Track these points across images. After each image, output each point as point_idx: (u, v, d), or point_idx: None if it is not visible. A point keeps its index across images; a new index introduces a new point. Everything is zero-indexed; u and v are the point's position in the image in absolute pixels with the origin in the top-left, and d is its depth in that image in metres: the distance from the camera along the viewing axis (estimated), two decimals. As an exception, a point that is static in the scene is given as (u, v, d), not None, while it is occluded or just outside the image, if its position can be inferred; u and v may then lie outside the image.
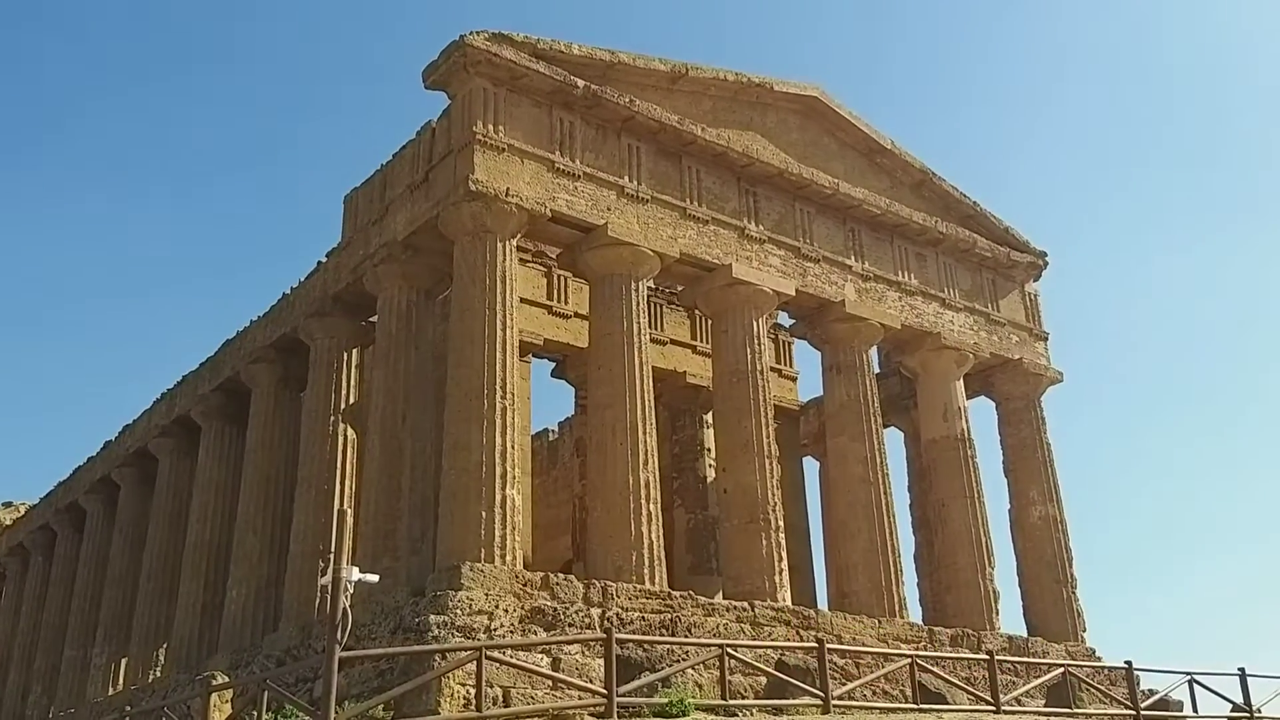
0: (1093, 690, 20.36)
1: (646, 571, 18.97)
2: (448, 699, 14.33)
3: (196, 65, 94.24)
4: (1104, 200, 79.52)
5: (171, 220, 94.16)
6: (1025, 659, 22.04)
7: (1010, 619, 25.05)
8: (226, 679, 16.25)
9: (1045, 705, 19.48)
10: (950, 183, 27.04)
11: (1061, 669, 20.11)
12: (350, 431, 23.27)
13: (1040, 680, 20.02)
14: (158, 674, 27.07)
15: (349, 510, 15.26)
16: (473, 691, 13.96)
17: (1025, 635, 24.59)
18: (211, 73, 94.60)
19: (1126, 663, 20.17)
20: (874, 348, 25.30)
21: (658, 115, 21.67)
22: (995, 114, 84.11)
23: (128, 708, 17.94)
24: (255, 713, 14.37)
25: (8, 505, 46.63)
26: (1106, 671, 22.35)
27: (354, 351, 24.03)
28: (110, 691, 28.72)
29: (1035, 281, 28.87)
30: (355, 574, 11.95)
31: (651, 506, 19.53)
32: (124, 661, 29.21)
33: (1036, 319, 28.50)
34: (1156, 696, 20.74)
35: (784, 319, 27.25)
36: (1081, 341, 68.90)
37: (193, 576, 26.37)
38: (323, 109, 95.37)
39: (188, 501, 28.33)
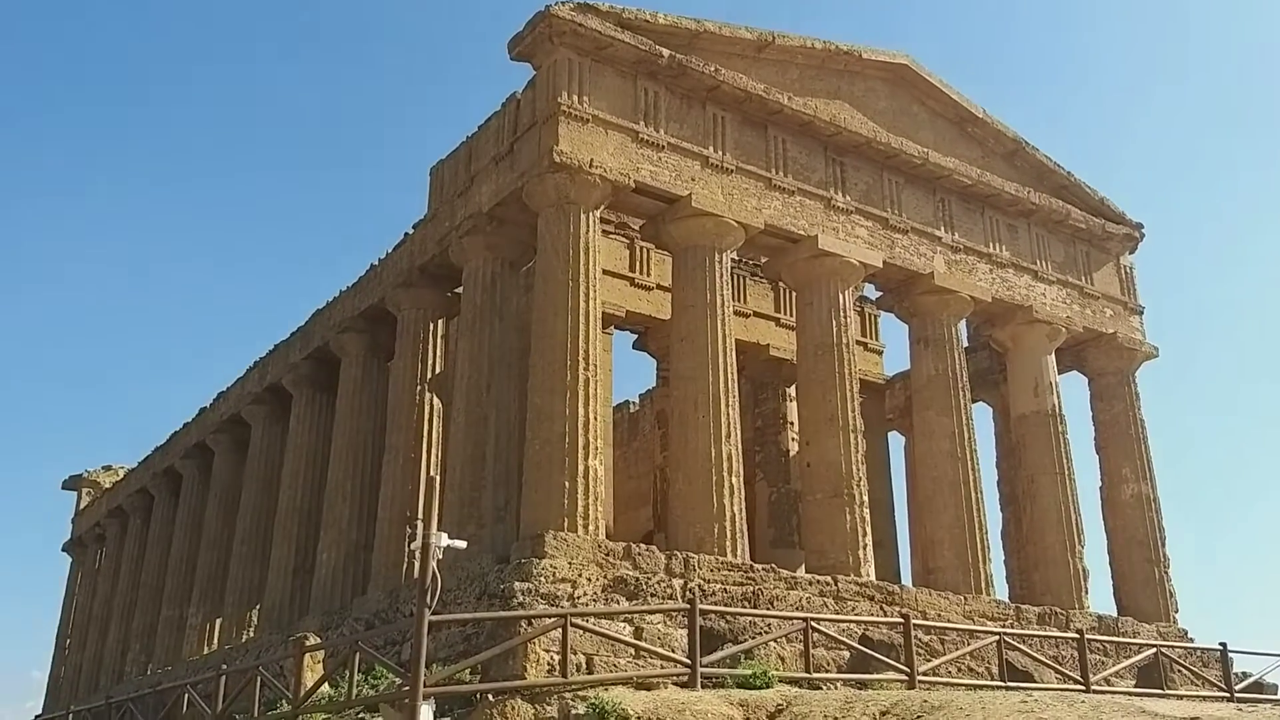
0: (1184, 672, 19.90)
1: (728, 544, 18.96)
2: (533, 664, 14.46)
3: (286, 40, 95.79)
4: (1203, 170, 77.02)
5: (265, 193, 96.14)
6: (1115, 639, 21.60)
7: (1099, 598, 24.60)
8: (318, 640, 16.63)
9: (1135, 686, 19.08)
10: (1044, 153, 26.40)
11: (1153, 649, 19.68)
12: (436, 401, 23.60)
13: (1131, 661, 19.60)
14: (251, 634, 27.86)
15: (438, 477, 15.47)
16: (557, 658, 14.11)
17: (1115, 615, 24.11)
18: (302, 47, 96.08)
19: (1221, 644, 19.67)
20: (963, 321, 24.87)
21: (743, 84, 21.45)
22: (1090, 82, 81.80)
23: (223, 666, 18.44)
24: (346, 673, 14.68)
25: (107, 469, 48.21)
26: (1199, 653, 21.83)
27: (440, 322, 24.34)
28: (205, 650, 29.65)
29: (1131, 254, 28.10)
30: (444, 540, 12.11)
31: (734, 479, 19.50)
32: (218, 621, 30.14)
33: (1131, 292, 27.76)
34: (1251, 679, 20.21)
35: (870, 291, 26.94)
36: (1178, 316, 66.94)
37: (284, 540, 27.05)
38: (411, 81, 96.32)
39: (279, 467, 29.04)
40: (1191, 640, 23.59)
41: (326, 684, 15.24)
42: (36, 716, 37.26)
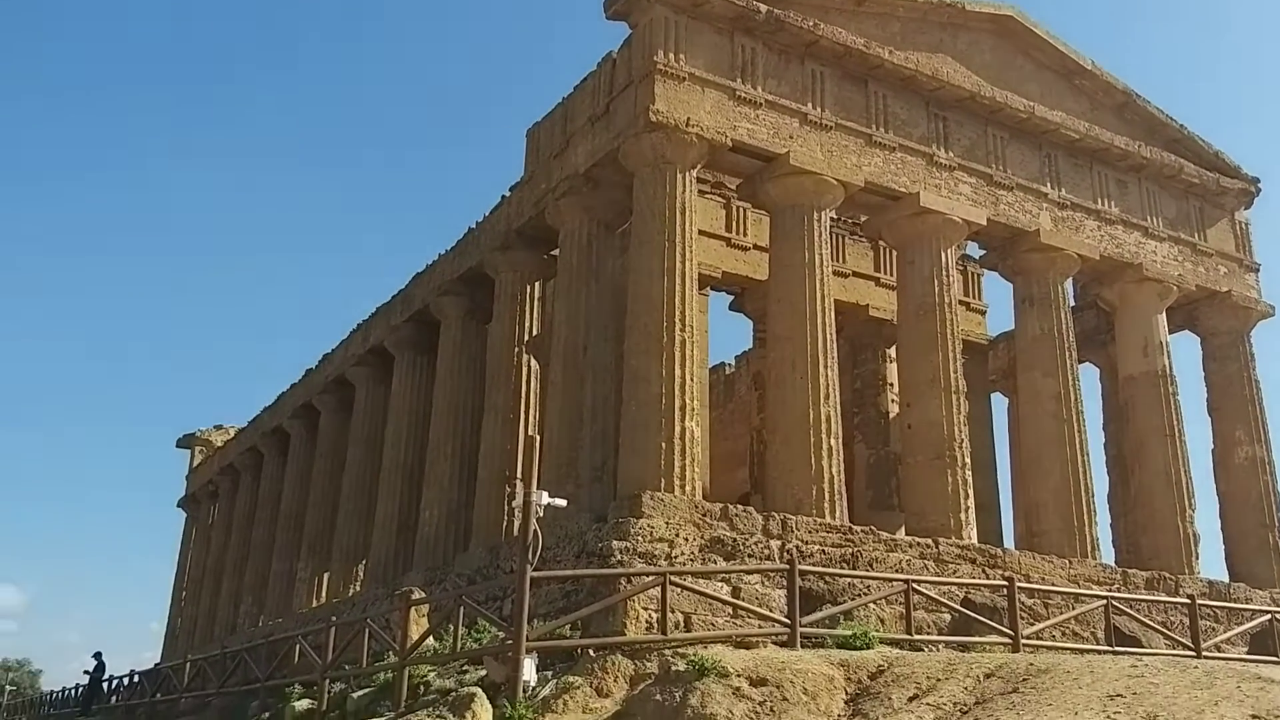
0: (1301, 640, 19.29)
1: (826, 506, 18.84)
2: (632, 621, 14.65)
3: (388, 9, 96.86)
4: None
5: (369, 160, 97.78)
6: (1227, 604, 20.99)
7: (1210, 564, 23.94)
8: (422, 595, 17.03)
9: (1248, 653, 18.55)
10: (1155, 105, 25.45)
11: (1267, 616, 19.11)
12: (534, 362, 23.84)
13: (1243, 627, 19.09)
14: (357, 588, 28.66)
15: (537, 436, 15.67)
16: (656, 615, 14.25)
17: (1226, 581, 23.42)
18: (397, 11, 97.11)
19: (1340, 613, 19.00)
20: (1069, 279, 24.21)
21: (842, 39, 21.05)
22: (1204, 33, 78.44)
23: (332, 618, 19.03)
24: (450, 627, 15.02)
25: (219, 428, 49.85)
26: (1317, 622, 21.08)
27: (537, 284, 24.52)
28: (314, 603, 30.60)
29: (1246, 210, 27.03)
30: (546, 498, 12.30)
31: (832, 441, 19.34)
32: (326, 576, 31.04)
33: (1247, 249, 26.72)
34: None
35: (973, 250, 26.38)
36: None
37: (388, 497, 27.70)
38: (509, 44, 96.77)
39: (382, 427, 29.69)
40: (1308, 608, 22.81)
41: (431, 637, 15.63)
42: (156, 665, 38.91)
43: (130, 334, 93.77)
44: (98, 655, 33.13)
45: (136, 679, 32.08)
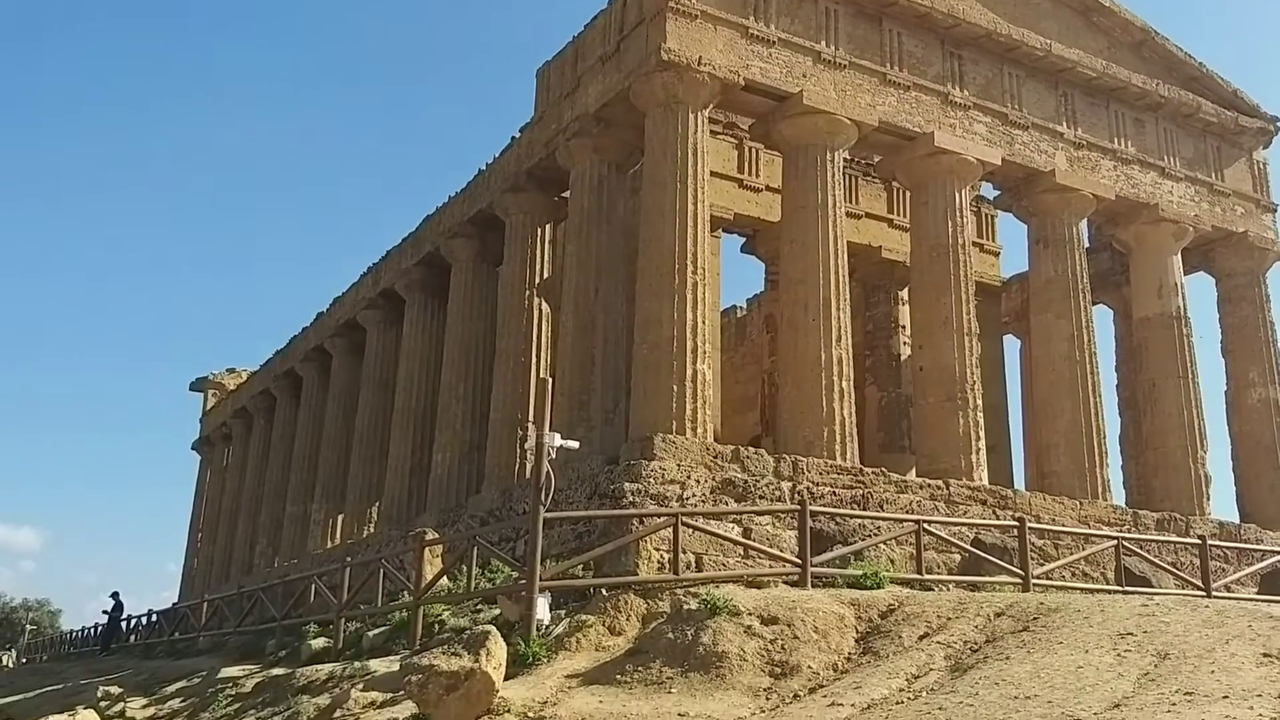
0: (1312, 581, 19.37)
1: (837, 447, 18.86)
2: (644, 561, 14.76)
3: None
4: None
5: (379, 101, 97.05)
6: (1237, 545, 21.05)
7: (1222, 505, 24.00)
8: (436, 536, 17.17)
9: (1258, 593, 18.64)
10: (1174, 43, 25.01)
11: (1277, 556, 19.17)
12: (545, 305, 23.80)
13: (1253, 568, 19.18)
14: (371, 530, 28.92)
15: (549, 379, 15.68)
16: (667, 556, 14.33)
17: (1237, 522, 23.46)
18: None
19: (1352, 554, 19.05)
20: (1084, 220, 23.99)
21: (857, -25, 20.70)
22: (1224, -34, 76.93)
23: (347, 559, 19.20)
24: (464, 567, 15.16)
25: (232, 371, 50.03)
26: (1327, 562, 21.15)
27: (547, 227, 24.39)
28: (328, 544, 30.90)
29: (1265, 149, 26.68)
30: (557, 440, 12.32)
31: (843, 383, 19.31)
32: (340, 517, 31.32)
33: (1265, 189, 26.42)
34: (1383, 590, 19.53)
35: (987, 191, 26.14)
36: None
37: (401, 440, 27.84)
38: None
39: (394, 370, 29.76)
40: (1319, 549, 22.87)
41: (445, 577, 15.78)
42: (173, 605, 39.43)
43: (141, 279, 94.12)
44: (115, 595, 33.64)
45: (155, 618, 32.53)
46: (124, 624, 34.01)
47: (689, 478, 17.20)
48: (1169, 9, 74.34)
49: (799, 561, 14.30)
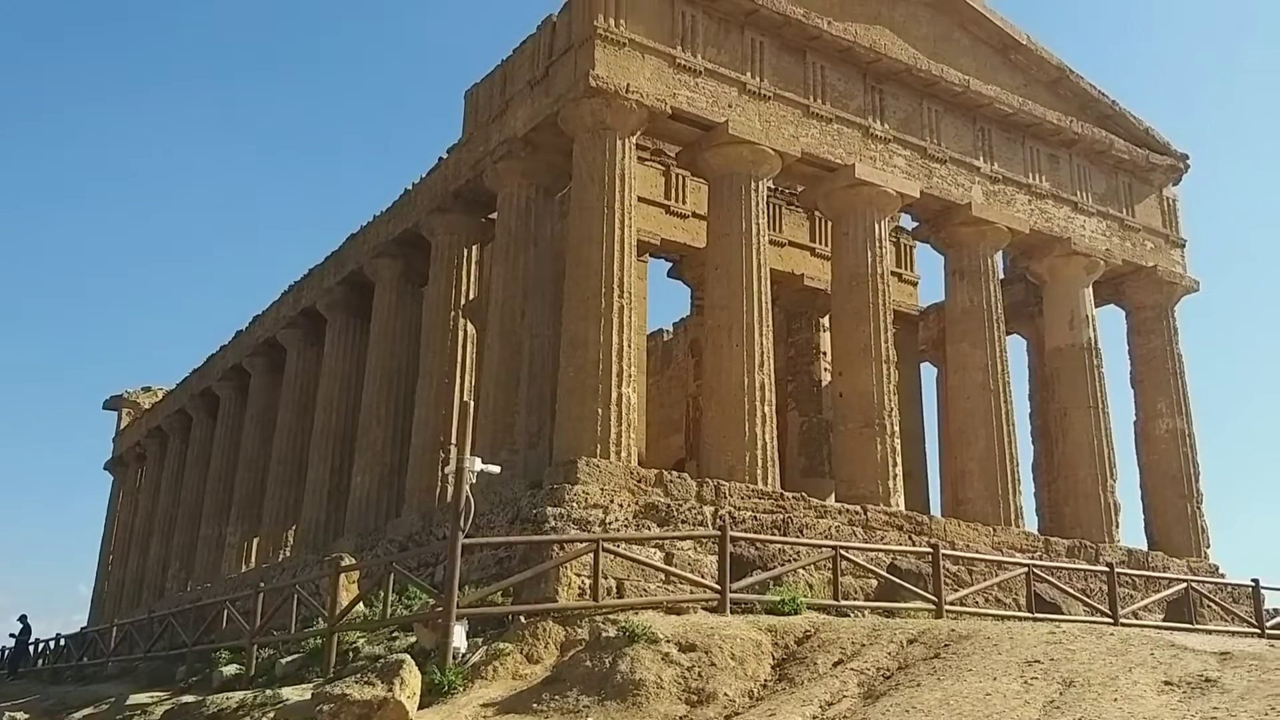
0: (1214, 607, 19.95)
1: (759, 472, 19.04)
2: (564, 588, 14.71)
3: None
4: (1251, 100, 75.08)
5: (298, 117, 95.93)
6: (1145, 573, 21.61)
7: (1130, 533, 24.59)
8: (353, 561, 16.94)
9: (1164, 620, 19.13)
10: (1088, 81, 25.80)
11: (1183, 584, 19.69)
12: (470, 326, 23.67)
13: (1160, 595, 19.65)
14: (287, 553, 28.42)
15: (472, 403, 15.60)
16: (588, 582, 14.31)
17: (1145, 549, 24.10)
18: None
19: (1253, 581, 19.65)
20: (1000, 252, 24.57)
21: (782, 8, 21.03)
22: (1140, 9, 79.65)
23: (261, 584, 18.85)
24: (381, 593, 14.97)
25: (147, 389, 48.90)
26: (1230, 589, 21.82)
27: (474, 248, 24.30)
28: (243, 568, 30.29)
29: (1175, 186, 27.57)
30: (479, 464, 12.27)
31: (766, 408, 19.51)
32: (255, 540, 30.73)
33: (1174, 225, 27.29)
34: (1283, 616, 20.19)
35: (906, 221, 26.64)
36: (1221, 249, 65.85)
37: (320, 462, 27.43)
38: (446, 2, 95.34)
39: (314, 390, 29.35)
40: (1223, 576, 23.58)
41: (361, 603, 15.57)
42: (82, 629, 38.30)
43: (54, 292, 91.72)
44: (23, 618, 32.62)
45: (63, 642, 31.57)
46: (31, 648, 32.96)
47: (612, 502, 17.21)
48: (1087, 44, 76.63)
49: (719, 588, 14.37)
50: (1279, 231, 72.85)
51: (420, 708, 10.92)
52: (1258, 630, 18.50)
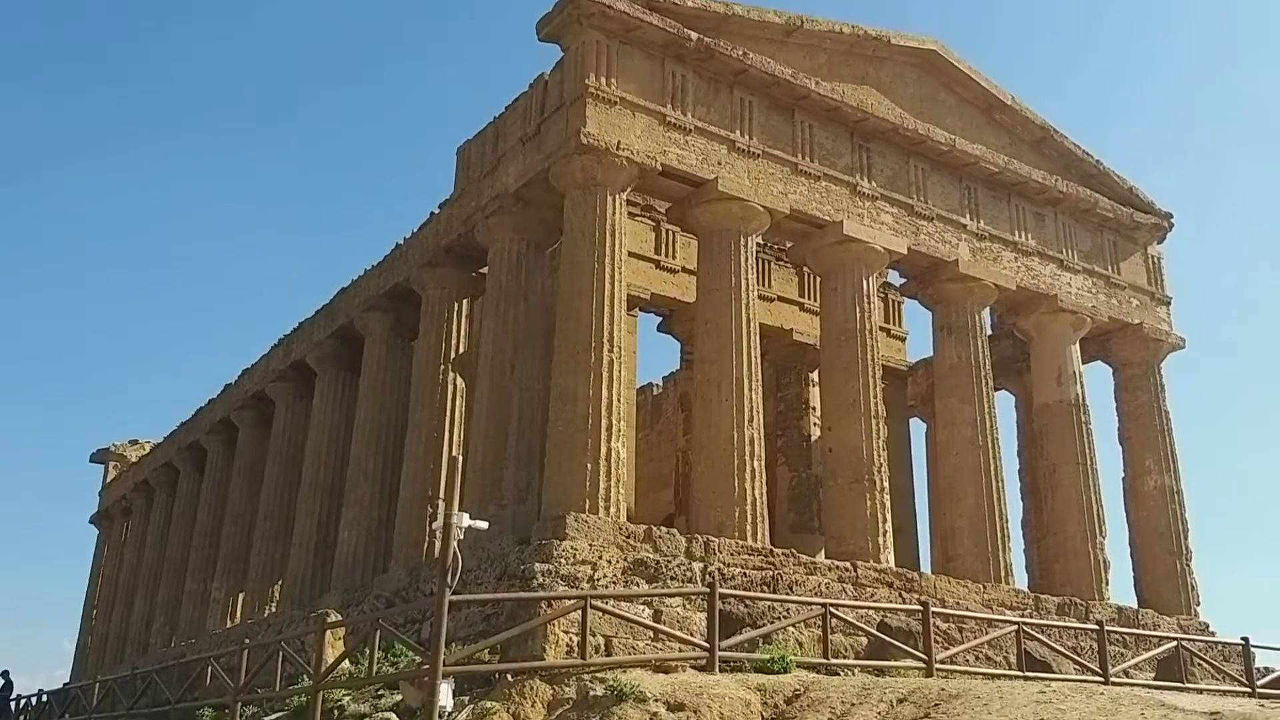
0: (1205, 665, 19.86)
1: (749, 528, 18.99)
2: (552, 645, 14.57)
3: (318, 15, 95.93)
4: (1236, 159, 76.12)
5: (293, 172, 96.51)
6: (1135, 630, 21.55)
7: (1120, 590, 24.53)
8: (339, 617, 16.80)
9: (1155, 678, 19.05)
10: (1072, 140, 26.17)
11: (1173, 642, 19.62)
12: (459, 381, 23.68)
13: (1151, 653, 19.57)
14: (273, 609, 28.13)
15: (460, 457, 15.56)
16: (576, 639, 14.19)
17: (1135, 607, 24.03)
18: (331, 24, 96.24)
19: (1243, 639, 19.59)
20: (987, 309, 24.74)
21: (771, 69, 21.35)
22: (1122, 69, 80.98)
23: (246, 640, 18.67)
24: (367, 650, 14.83)
25: (134, 442, 48.65)
26: (1220, 647, 21.73)
27: (464, 302, 24.38)
28: (228, 624, 29.96)
29: (1159, 244, 27.86)
30: (466, 520, 12.20)
31: (755, 463, 19.51)
32: (241, 596, 30.41)
33: (1159, 282, 27.54)
34: (1274, 674, 20.13)
35: (894, 278, 26.84)
36: (1207, 306, 66.43)
37: (307, 516, 27.26)
38: (440, 61, 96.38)
39: (303, 444, 29.23)
40: (1213, 634, 23.48)
41: (347, 660, 15.41)
42: (65, 685, 37.76)
43: (44, 344, 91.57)
44: (4, 674, 32.14)
45: (45, 698, 31.11)
46: (13, 704, 32.46)
47: (600, 558, 17.13)
48: (1072, 105, 77.76)
49: (707, 646, 14.28)
50: (1264, 290, 73.52)
51: (405, 768, 10.78)
52: (1248, 689, 18.43)
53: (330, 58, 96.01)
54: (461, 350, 24.00)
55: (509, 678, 13.48)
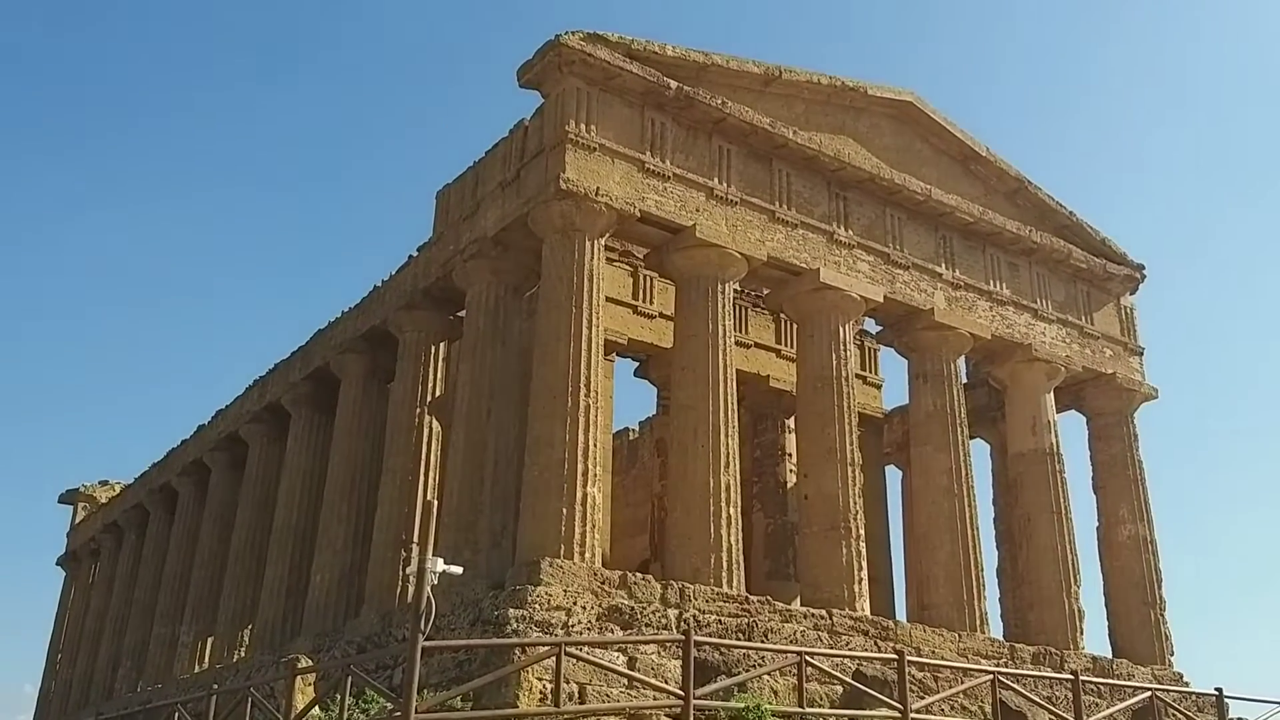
0: (1179, 716, 19.81)
1: (724, 575, 18.92)
2: (525, 693, 14.45)
3: (296, 59, 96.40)
4: (1208, 211, 77.28)
5: (271, 213, 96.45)
6: (1110, 680, 21.52)
7: (1095, 639, 24.52)
8: (309, 662, 16.56)
9: (1130, 729, 19.01)
10: (1046, 191, 26.52)
11: (1148, 692, 19.59)
12: (435, 424, 23.59)
13: (1125, 704, 19.51)
14: (242, 654, 27.72)
15: (435, 501, 15.45)
16: (550, 686, 14.05)
17: (1110, 657, 24.02)
18: (310, 69, 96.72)
19: (1217, 689, 19.58)
20: (962, 357, 24.89)
21: (749, 118, 21.59)
22: (1095, 122, 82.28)
23: (214, 686, 18.37)
24: (338, 697, 14.61)
25: (104, 484, 48.10)
26: (1195, 698, 21.72)
27: (441, 345, 24.36)
28: (196, 669, 29.50)
29: (1132, 295, 28.17)
30: (440, 565, 12.08)
31: (731, 510, 19.48)
32: (210, 640, 29.97)
33: (1132, 333, 27.82)
34: (1247, 726, 20.09)
35: (870, 325, 26.99)
36: (1179, 357, 67.09)
37: (278, 560, 26.96)
38: (420, 105, 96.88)
39: (275, 486, 28.97)
40: (1187, 684, 23.49)
41: (317, 707, 15.15)
42: (24, 731, 36.99)
43: (11, 383, 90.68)
44: (-39, 720, 31.53)
45: (2, 746, 30.48)
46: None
47: (575, 604, 17.01)
48: (1046, 157, 78.88)
49: (682, 694, 14.11)
50: (1236, 341, 74.37)
51: (374, 818, 10.59)
52: (1223, 740, 18.40)
53: (308, 100, 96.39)
54: (438, 394, 23.92)
55: (481, 726, 13.31)
